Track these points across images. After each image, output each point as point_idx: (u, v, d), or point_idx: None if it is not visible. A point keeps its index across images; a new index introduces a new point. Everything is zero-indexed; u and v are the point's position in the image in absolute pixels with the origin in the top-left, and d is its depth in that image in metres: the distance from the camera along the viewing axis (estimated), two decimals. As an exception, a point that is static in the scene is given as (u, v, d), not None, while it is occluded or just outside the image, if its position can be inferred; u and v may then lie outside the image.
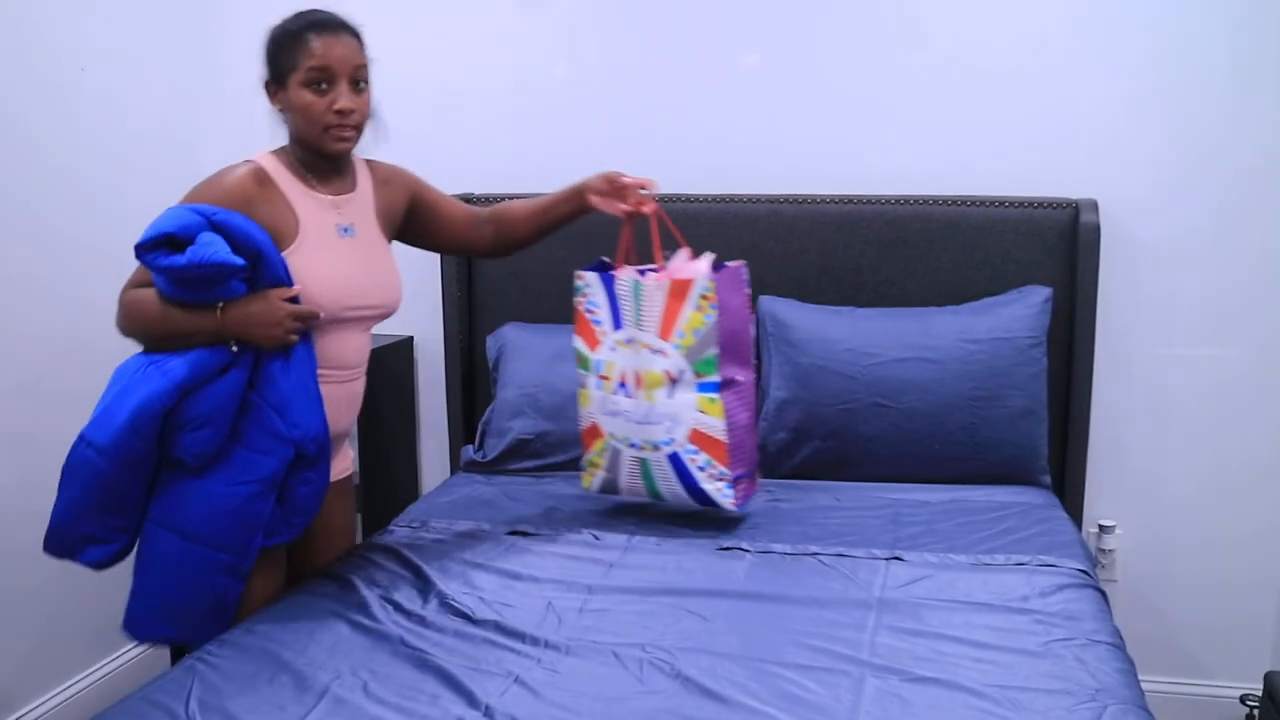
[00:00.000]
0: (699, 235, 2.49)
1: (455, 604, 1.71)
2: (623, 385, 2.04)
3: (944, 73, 2.45)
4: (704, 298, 1.95)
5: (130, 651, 2.68)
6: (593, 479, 2.17)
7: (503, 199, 2.58)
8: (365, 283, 1.84)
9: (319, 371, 1.77)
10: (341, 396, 1.86)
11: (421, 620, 1.67)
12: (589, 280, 2.09)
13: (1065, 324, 2.37)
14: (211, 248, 1.61)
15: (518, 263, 2.45)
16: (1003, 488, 2.24)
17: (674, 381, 1.99)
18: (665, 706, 1.40)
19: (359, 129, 1.79)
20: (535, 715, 1.38)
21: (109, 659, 2.62)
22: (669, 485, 2.05)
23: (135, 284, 1.74)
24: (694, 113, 2.57)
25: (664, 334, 1.99)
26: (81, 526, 1.69)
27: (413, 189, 2.00)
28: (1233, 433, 2.44)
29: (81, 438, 1.67)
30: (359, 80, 1.77)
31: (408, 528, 2.08)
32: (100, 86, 2.51)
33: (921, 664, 1.50)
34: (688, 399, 1.99)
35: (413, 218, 2.00)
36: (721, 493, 2.01)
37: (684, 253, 2.08)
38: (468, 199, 2.61)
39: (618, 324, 2.04)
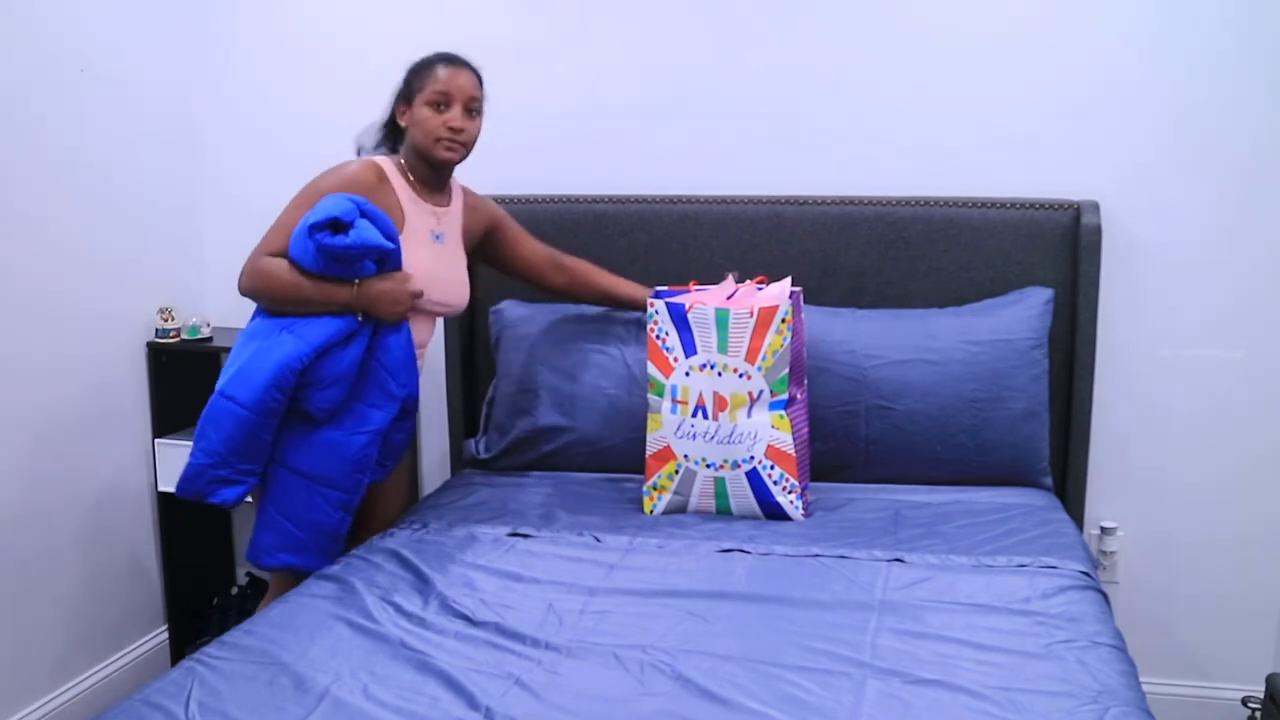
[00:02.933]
0: (700, 237, 2.51)
1: (456, 606, 1.71)
2: (700, 408, 2.12)
3: (946, 73, 2.45)
4: (784, 321, 2.08)
5: (130, 652, 2.68)
6: (657, 502, 2.19)
7: (502, 199, 2.60)
8: (444, 281, 2.14)
9: None
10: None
11: (422, 622, 1.66)
12: (658, 308, 2.17)
13: (1067, 325, 2.37)
14: (370, 231, 1.92)
15: None
16: (1004, 489, 2.24)
17: (753, 401, 2.10)
18: (666, 708, 1.39)
19: (467, 147, 2.11)
20: (536, 717, 1.38)
21: (109, 660, 2.62)
22: (742, 501, 2.14)
23: (266, 252, 1.99)
24: (695, 114, 2.57)
25: (750, 358, 2.08)
26: (217, 470, 1.93)
27: (494, 219, 2.33)
28: (1234, 434, 2.44)
29: (220, 393, 1.92)
30: (472, 109, 2.10)
31: (408, 529, 2.08)
32: (103, 84, 2.51)
33: (923, 666, 1.49)
34: (763, 418, 2.11)
35: (490, 243, 2.33)
36: (793, 505, 2.12)
37: (730, 277, 2.24)
38: (468, 200, 2.62)
39: (690, 350, 2.13)
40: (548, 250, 2.38)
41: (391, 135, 2.18)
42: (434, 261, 2.12)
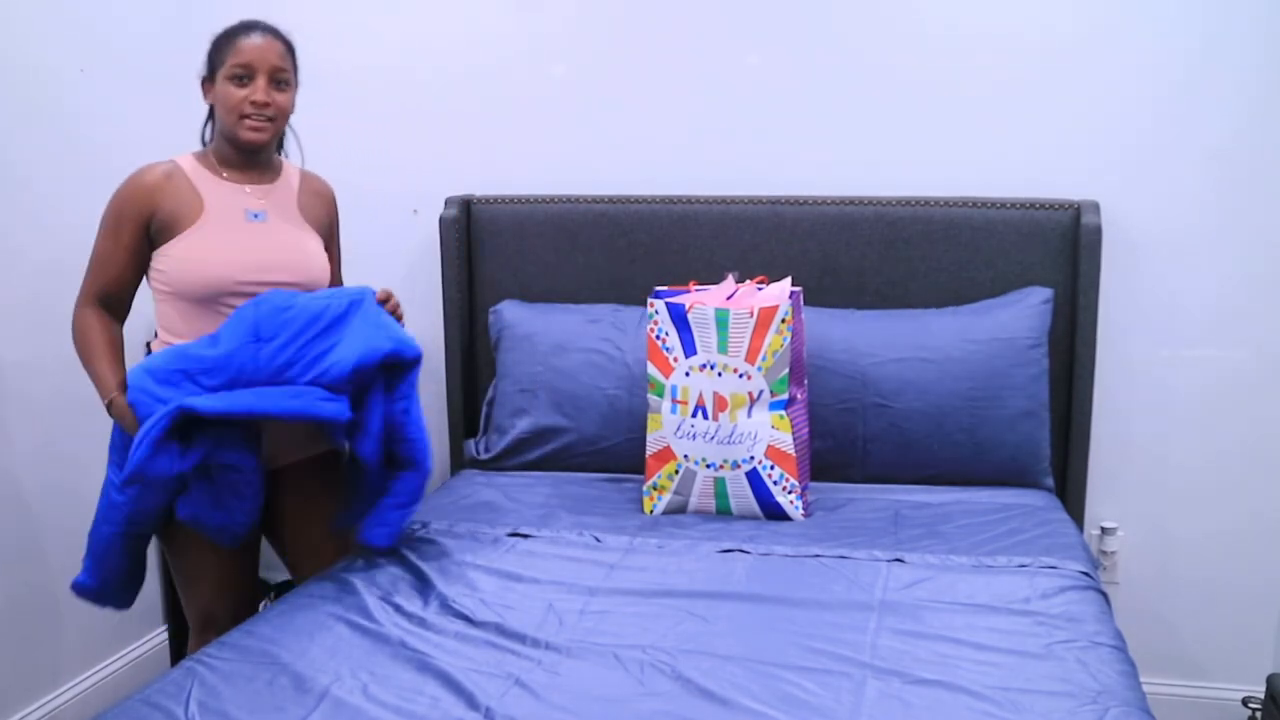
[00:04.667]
0: (700, 237, 2.51)
1: (456, 606, 1.71)
2: (700, 408, 2.11)
3: (945, 74, 2.45)
4: (784, 321, 2.08)
5: (130, 653, 2.68)
6: (657, 502, 2.19)
7: (502, 201, 2.60)
8: (265, 259, 1.95)
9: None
10: None
11: (422, 622, 1.66)
12: (658, 308, 2.16)
13: (1067, 325, 2.37)
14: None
15: (517, 242, 2.56)
16: (1004, 490, 2.24)
17: (753, 401, 2.08)
18: (666, 708, 1.39)
19: (275, 123, 1.94)
20: (536, 717, 1.38)
21: (109, 660, 2.62)
22: (742, 501, 2.14)
23: (89, 292, 1.94)
24: (695, 114, 2.57)
25: (750, 358, 2.07)
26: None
27: (330, 220, 2.12)
28: (1235, 434, 2.44)
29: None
30: (280, 80, 1.93)
31: (409, 529, 2.08)
32: (103, 82, 2.51)
33: (923, 666, 1.49)
34: (763, 418, 2.10)
35: None
36: (793, 505, 2.10)
37: (730, 277, 2.22)
38: (467, 201, 2.62)
39: (690, 350, 2.12)
40: (338, 284, 2.17)
41: (208, 121, 2.03)
42: (247, 242, 1.94)
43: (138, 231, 1.91)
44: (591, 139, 2.63)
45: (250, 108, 1.89)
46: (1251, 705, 2.41)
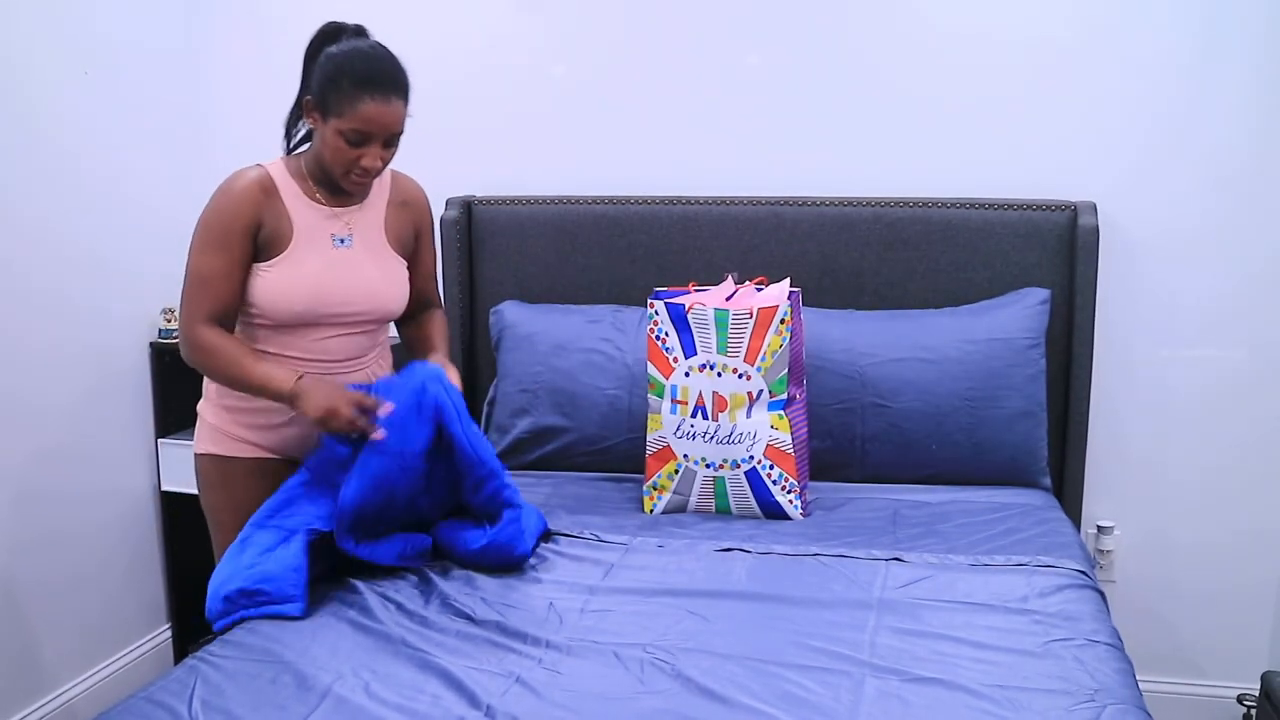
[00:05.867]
0: (700, 238, 2.51)
1: (457, 604, 1.72)
2: (700, 408, 2.12)
3: (944, 75, 2.45)
4: (783, 322, 2.08)
5: (133, 651, 2.69)
6: (656, 502, 2.20)
7: (503, 201, 2.60)
8: (345, 290, 1.92)
9: (307, 363, 1.91)
10: None
11: (423, 621, 1.67)
12: (657, 309, 2.17)
13: (1064, 326, 2.38)
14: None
15: (518, 243, 2.58)
16: (1002, 489, 2.25)
17: (753, 401, 2.09)
18: (666, 707, 1.40)
19: (375, 176, 1.89)
20: (536, 715, 1.39)
21: (112, 658, 2.63)
22: (741, 501, 2.14)
23: (199, 314, 1.84)
24: (694, 114, 2.58)
25: (749, 359, 2.08)
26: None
27: (419, 224, 2.08)
28: (1231, 434, 2.45)
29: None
30: (392, 140, 1.85)
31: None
32: (106, 85, 2.52)
33: (921, 664, 1.50)
34: (762, 418, 2.11)
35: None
36: (792, 504, 2.12)
37: (730, 277, 2.23)
38: (468, 202, 2.62)
39: (690, 350, 2.13)
40: (428, 288, 2.14)
41: (299, 115, 1.96)
42: (330, 270, 1.90)
43: (247, 243, 1.85)
44: (592, 140, 2.64)
45: (358, 171, 1.84)
46: (1246, 703, 2.42)
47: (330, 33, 1.88)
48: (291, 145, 1.99)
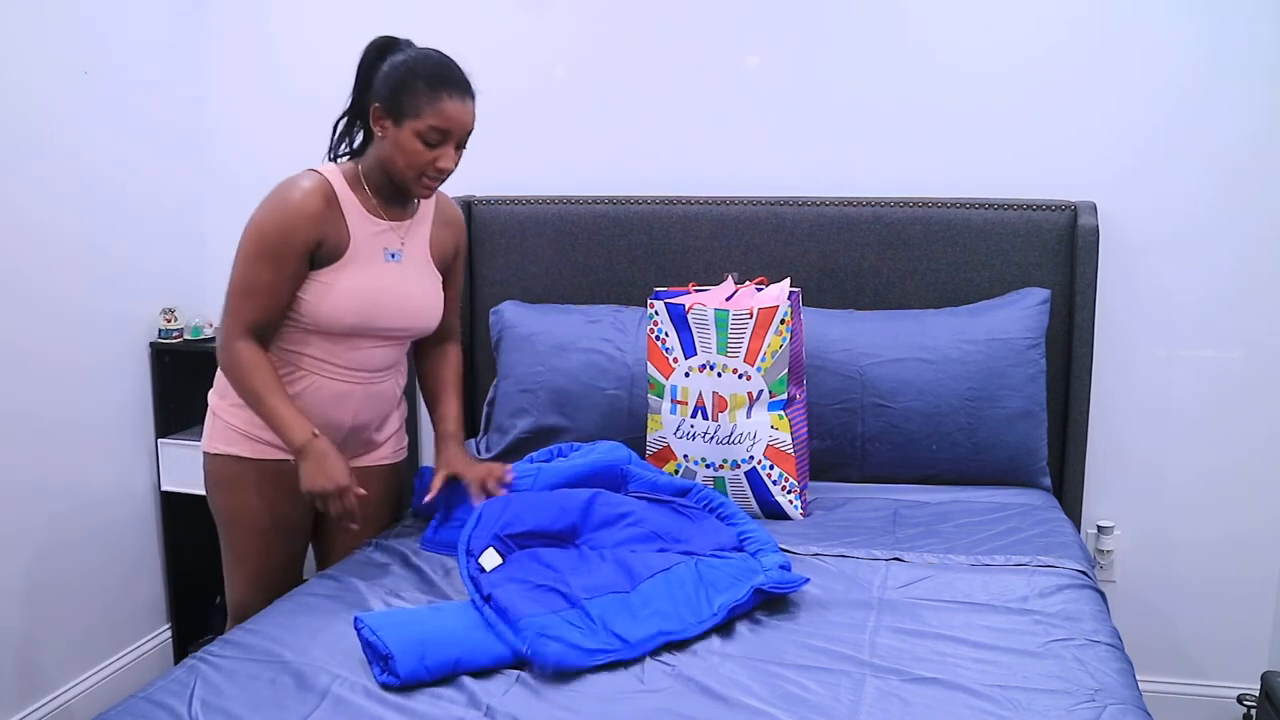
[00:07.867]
0: (700, 237, 2.51)
1: (457, 604, 1.71)
2: (700, 408, 2.12)
3: (943, 75, 2.46)
4: (783, 322, 2.09)
5: (133, 651, 2.69)
6: None
7: (503, 201, 2.60)
8: (394, 306, 1.94)
9: (346, 371, 1.94)
10: (364, 394, 1.99)
11: (423, 621, 1.67)
12: (657, 309, 2.17)
13: (1064, 326, 2.38)
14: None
15: (518, 242, 2.58)
16: (1002, 489, 2.25)
17: (753, 402, 2.09)
18: (666, 706, 1.40)
19: (446, 179, 1.90)
20: (536, 715, 1.39)
21: (112, 658, 2.63)
22: (741, 501, 2.14)
23: (241, 322, 1.85)
24: (695, 115, 2.58)
25: (749, 359, 2.08)
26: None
27: (459, 247, 2.10)
28: (1231, 434, 2.45)
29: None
30: (464, 142, 1.87)
31: (411, 529, 2.08)
32: (106, 86, 2.52)
33: (921, 664, 1.50)
34: (762, 418, 2.11)
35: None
36: (792, 504, 2.12)
37: (730, 278, 2.23)
38: (468, 201, 2.63)
39: (690, 351, 2.13)
40: (452, 317, 2.14)
41: (354, 124, 1.96)
42: (380, 284, 1.91)
43: (302, 260, 1.84)
44: (591, 140, 2.64)
45: (434, 170, 1.84)
46: (1246, 703, 2.42)
47: (384, 45, 1.90)
48: (334, 156, 1.98)
